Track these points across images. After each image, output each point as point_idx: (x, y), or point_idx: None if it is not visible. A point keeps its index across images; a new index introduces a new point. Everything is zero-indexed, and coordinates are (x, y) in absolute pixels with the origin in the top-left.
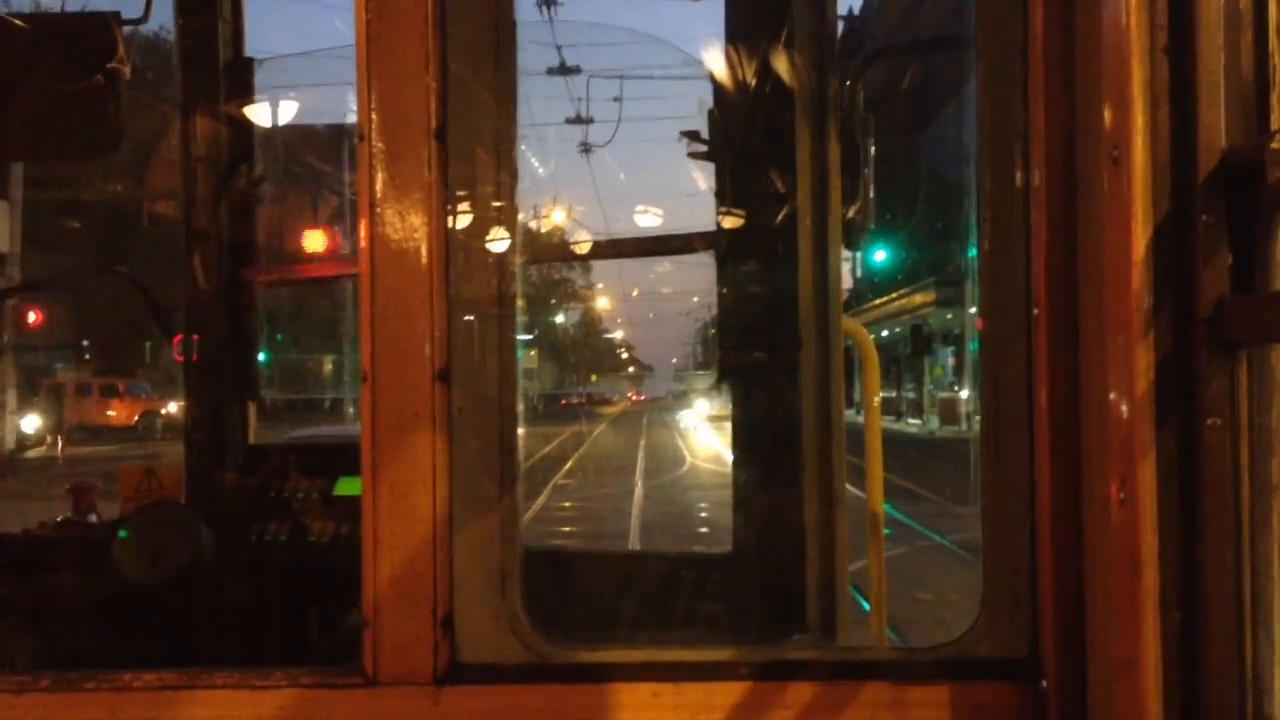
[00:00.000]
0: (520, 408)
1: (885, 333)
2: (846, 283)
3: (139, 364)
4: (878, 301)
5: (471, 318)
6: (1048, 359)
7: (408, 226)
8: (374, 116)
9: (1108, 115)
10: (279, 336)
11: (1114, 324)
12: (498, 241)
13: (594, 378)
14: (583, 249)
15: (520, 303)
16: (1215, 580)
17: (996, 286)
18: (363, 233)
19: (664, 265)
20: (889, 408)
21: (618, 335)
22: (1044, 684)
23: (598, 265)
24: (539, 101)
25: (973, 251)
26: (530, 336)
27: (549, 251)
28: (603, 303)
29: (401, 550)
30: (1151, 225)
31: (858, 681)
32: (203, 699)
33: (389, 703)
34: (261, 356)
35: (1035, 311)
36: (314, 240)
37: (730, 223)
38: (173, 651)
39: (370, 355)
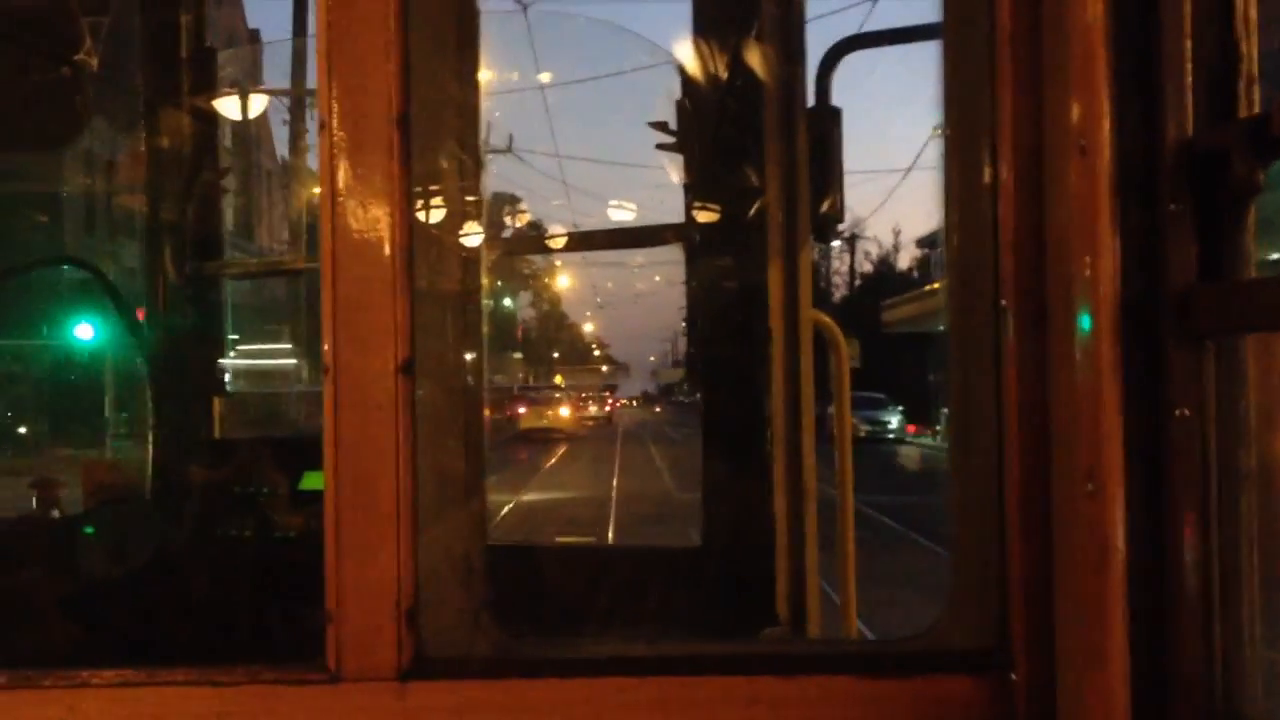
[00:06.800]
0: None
1: None
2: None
3: None
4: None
5: (436, 309)
6: (1016, 351)
7: (370, 217)
8: (335, 105)
9: (1075, 105)
10: None
11: (1081, 315)
12: (463, 231)
13: (559, 379)
14: (555, 243)
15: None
16: (1184, 571)
17: (965, 276)
18: (324, 223)
19: (639, 258)
20: None
21: (588, 329)
22: (1013, 676)
23: (569, 266)
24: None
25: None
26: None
27: (519, 244)
28: (563, 281)
29: (364, 544)
30: (1118, 214)
31: (826, 675)
32: (163, 695)
33: (352, 698)
34: None
35: (1003, 303)
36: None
37: (699, 215)
38: (136, 647)
39: (332, 348)
